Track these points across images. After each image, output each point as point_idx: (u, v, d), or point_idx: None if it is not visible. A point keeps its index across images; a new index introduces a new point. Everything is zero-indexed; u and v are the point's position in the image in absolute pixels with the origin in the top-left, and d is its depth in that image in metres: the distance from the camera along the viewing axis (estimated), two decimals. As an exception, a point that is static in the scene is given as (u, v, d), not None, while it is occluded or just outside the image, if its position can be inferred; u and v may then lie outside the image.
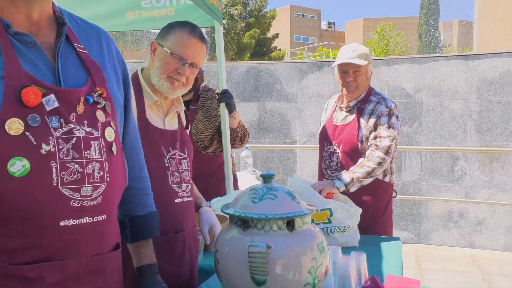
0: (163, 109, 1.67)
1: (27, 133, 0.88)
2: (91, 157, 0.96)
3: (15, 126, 0.87)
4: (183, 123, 1.76)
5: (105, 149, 1.00)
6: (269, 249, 1.10)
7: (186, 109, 1.82)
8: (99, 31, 1.14)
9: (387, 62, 5.79)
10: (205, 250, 1.97)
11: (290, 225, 1.15)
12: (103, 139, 1.00)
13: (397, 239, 2.24)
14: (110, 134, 1.02)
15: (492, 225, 5.30)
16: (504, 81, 5.27)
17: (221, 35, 2.72)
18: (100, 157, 0.98)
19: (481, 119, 5.37)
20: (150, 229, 1.23)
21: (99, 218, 0.98)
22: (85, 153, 0.95)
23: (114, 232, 1.07)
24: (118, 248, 1.09)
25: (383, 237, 2.33)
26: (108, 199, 1.00)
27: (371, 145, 2.37)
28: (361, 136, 2.42)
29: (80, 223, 0.94)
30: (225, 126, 2.58)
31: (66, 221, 0.92)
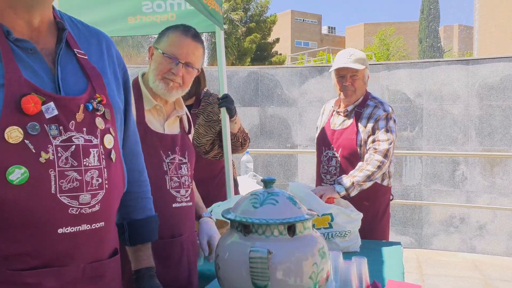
0: (163, 114, 1.67)
1: (26, 141, 0.88)
2: (90, 165, 0.96)
3: (14, 134, 0.87)
4: (185, 127, 1.76)
5: (104, 156, 1.00)
6: (270, 254, 1.09)
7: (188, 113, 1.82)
8: (99, 35, 1.14)
9: (387, 66, 5.80)
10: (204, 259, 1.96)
11: (291, 230, 1.15)
12: (102, 146, 0.99)
13: (398, 244, 2.24)
14: (109, 141, 1.02)
15: (493, 230, 5.29)
16: (504, 85, 5.27)
17: (222, 40, 2.72)
18: (99, 164, 0.98)
19: (482, 123, 5.37)
20: (148, 233, 1.23)
21: (97, 225, 0.98)
22: (84, 160, 0.95)
23: (112, 238, 1.07)
24: (116, 254, 1.09)
25: (384, 242, 2.32)
26: (106, 206, 1.00)
27: (369, 148, 2.38)
28: (360, 140, 2.43)
29: (78, 230, 0.94)
30: (225, 131, 2.58)
31: (64, 228, 0.92)
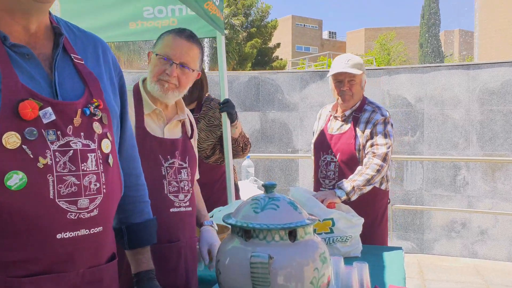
0: (163, 118, 1.67)
1: (24, 146, 0.88)
2: (87, 169, 0.96)
3: (12, 139, 0.87)
4: (187, 132, 1.76)
5: (102, 160, 1.00)
6: (271, 259, 1.09)
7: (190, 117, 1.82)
8: (95, 40, 1.14)
9: (388, 71, 5.80)
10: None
11: (292, 235, 1.15)
12: (99, 151, 1.00)
13: (400, 249, 2.23)
14: (106, 145, 1.02)
15: (495, 235, 5.27)
16: (505, 90, 5.27)
17: (223, 45, 2.73)
18: (96, 169, 0.98)
19: (483, 128, 5.37)
20: (147, 236, 1.24)
21: (95, 230, 0.98)
22: (82, 165, 0.95)
23: (110, 242, 1.08)
24: (114, 258, 1.10)
25: (385, 247, 2.32)
26: (104, 210, 1.00)
27: (368, 152, 2.40)
28: (358, 144, 2.45)
29: (77, 235, 0.94)
30: (226, 135, 2.58)
31: (63, 233, 0.92)
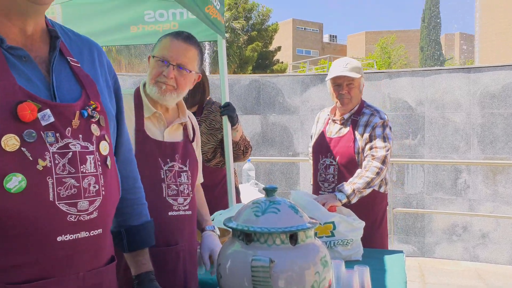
0: (163, 121, 1.67)
1: (23, 148, 0.87)
2: (87, 171, 0.96)
3: (11, 142, 0.86)
4: (189, 135, 1.75)
5: (100, 162, 1.00)
6: (272, 263, 1.09)
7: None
8: (91, 44, 1.14)
9: (389, 75, 5.80)
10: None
11: (293, 239, 1.15)
12: (98, 153, 1.00)
13: (401, 253, 2.23)
14: (104, 147, 1.02)
15: (496, 239, 5.26)
16: (506, 93, 5.27)
17: (223, 49, 2.73)
18: (95, 171, 0.98)
19: (484, 131, 5.36)
20: (146, 238, 1.25)
21: (95, 232, 0.98)
22: (81, 167, 0.95)
23: (109, 244, 1.08)
24: (113, 261, 1.10)
25: (386, 250, 2.31)
26: (104, 212, 1.00)
27: (367, 155, 2.41)
28: (357, 147, 2.46)
29: (77, 237, 0.94)
30: (227, 139, 2.58)
31: (63, 236, 0.92)
